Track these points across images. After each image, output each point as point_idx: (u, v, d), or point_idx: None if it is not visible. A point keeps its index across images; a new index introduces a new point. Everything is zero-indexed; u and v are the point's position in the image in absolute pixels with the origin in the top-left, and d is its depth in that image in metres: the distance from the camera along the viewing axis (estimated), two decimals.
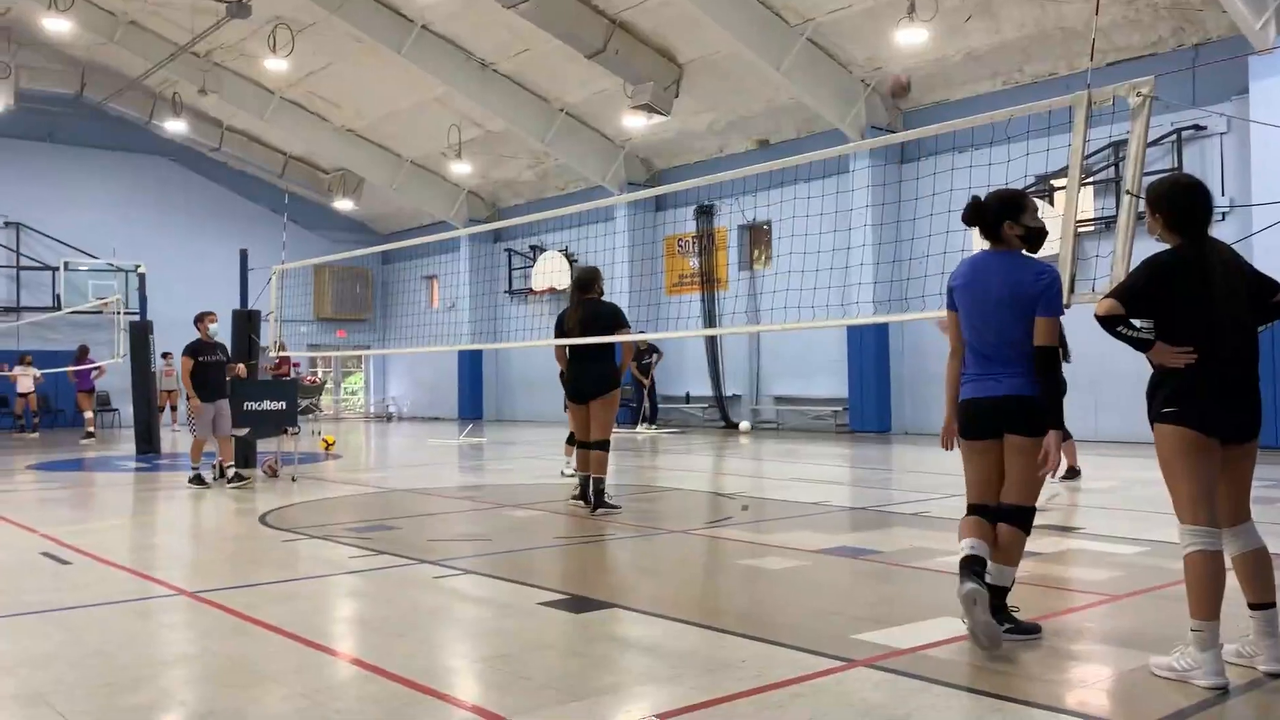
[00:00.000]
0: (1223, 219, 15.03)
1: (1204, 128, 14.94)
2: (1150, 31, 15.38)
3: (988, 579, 4.12)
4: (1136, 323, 3.82)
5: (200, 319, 11.35)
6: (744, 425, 20.94)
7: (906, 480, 11.53)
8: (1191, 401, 3.75)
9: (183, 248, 27.12)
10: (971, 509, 4.37)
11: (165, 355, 22.31)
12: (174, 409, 23.53)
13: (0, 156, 25.32)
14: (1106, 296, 3.87)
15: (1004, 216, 4.34)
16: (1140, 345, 3.83)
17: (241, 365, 11.78)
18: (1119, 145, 15.08)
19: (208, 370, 11.08)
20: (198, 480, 10.85)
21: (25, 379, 21.48)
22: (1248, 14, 13.50)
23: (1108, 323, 3.79)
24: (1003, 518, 4.27)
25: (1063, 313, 4.28)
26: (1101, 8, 14.63)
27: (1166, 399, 3.79)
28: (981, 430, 4.32)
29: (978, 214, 4.40)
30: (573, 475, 9.74)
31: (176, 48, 21.85)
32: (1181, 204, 3.94)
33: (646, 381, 20.86)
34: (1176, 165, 15.30)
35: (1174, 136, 15.21)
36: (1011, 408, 4.23)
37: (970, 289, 4.36)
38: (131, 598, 5.44)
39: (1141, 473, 10.95)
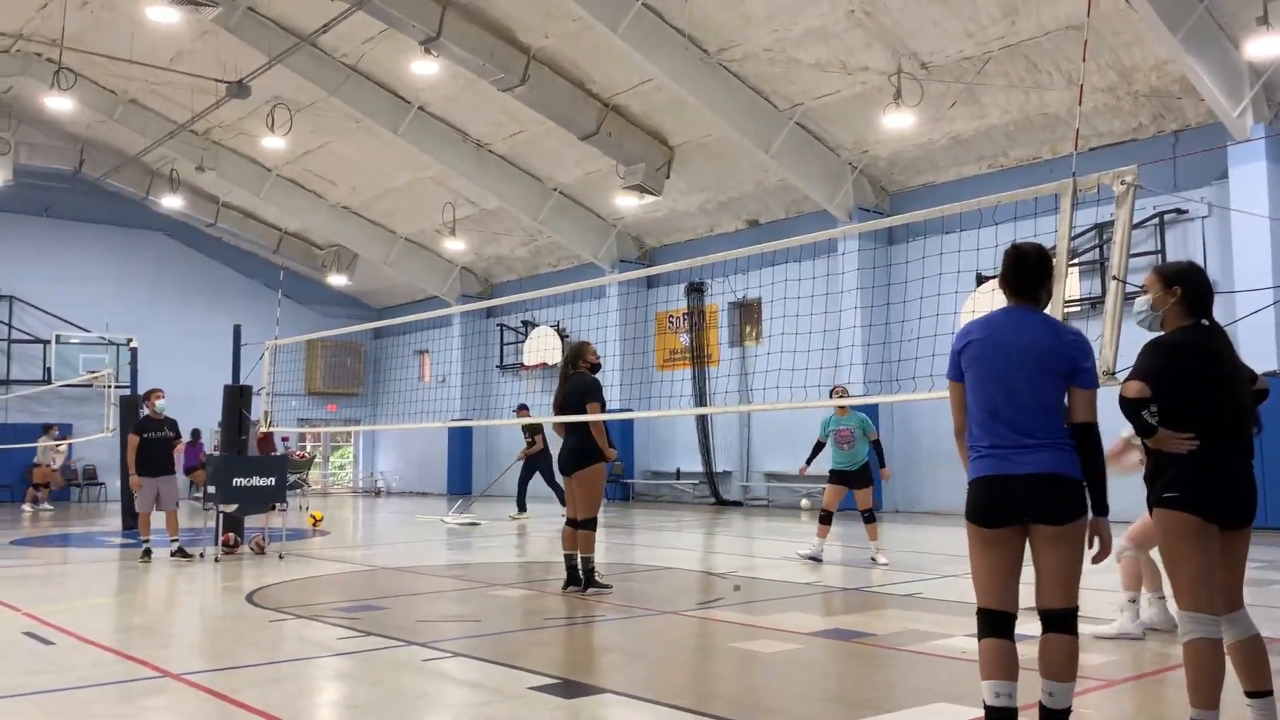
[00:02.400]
0: None
1: (1185, 211, 15.22)
2: (1131, 118, 15.76)
3: (1044, 700, 3.58)
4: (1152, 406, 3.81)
5: (147, 396, 11.60)
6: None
7: (898, 560, 11.46)
8: (1194, 486, 3.75)
9: (176, 322, 27.18)
10: (989, 622, 3.64)
11: (47, 428, 22.20)
12: (44, 487, 21.59)
13: None
14: (1130, 379, 3.85)
15: (1047, 272, 3.86)
16: (1149, 431, 3.80)
17: (180, 443, 11.88)
18: (1103, 228, 15.35)
19: (153, 446, 11.24)
20: (146, 555, 10.93)
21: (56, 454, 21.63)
22: (1225, 103, 13.87)
23: (1134, 405, 3.75)
24: (1051, 626, 3.61)
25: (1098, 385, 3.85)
26: (1083, 95, 15.02)
27: (1168, 484, 3.79)
28: (1002, 516, 3.62)
29: (1020, 264, 3.84)
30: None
31: (176, 126, 22.18)
32: (1205, 285, 4.03)
33: (519, 458, 18.33)
34: (1159, 248, 15.57)
35: (1156, 220, 15.48)
36: (1041, 488, 3.58)
37: (995, 345, 3.75)
38: (115, 680, 5.35)
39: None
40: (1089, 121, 15.88)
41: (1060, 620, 3.60)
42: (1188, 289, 3.98)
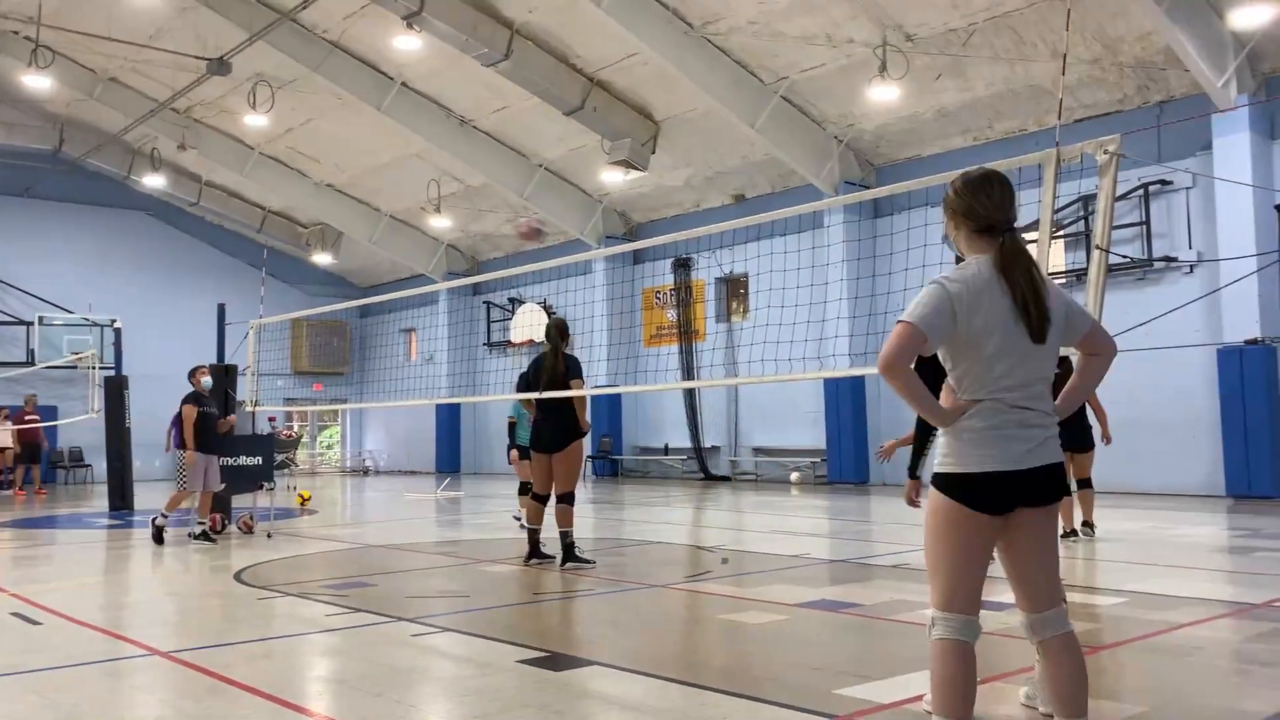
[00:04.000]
0: (1190, 271, 15.32)
1: (1170, 182, 15.26)
2: (1115, 89, 15.76)
3: None
4: None
5: (194, 373, 11.18)
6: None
7: (885, 532, 11.54)
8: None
9: (160, 302, 27.02)
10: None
11: None
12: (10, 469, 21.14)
13: None
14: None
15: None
16: None
17: (232, 418, 11.62)
18: (1087, 199, 15.38)
19: (206, 422, 10.89)
20: (158, 537, 10.60)
21: (2, 434, 21.10)
22: (1209, 73, 13.88)
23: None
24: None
25: None
26: (1068, 66, 15.01)
27: None
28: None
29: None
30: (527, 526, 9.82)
31: (156, 104, 21.97)
32: None
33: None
34: (1144, 219, 15.62)
35: (1141, 191, 15.52)
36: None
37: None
38: (103, 658, 5.35)
39: (1124, 524, 11.02)
40: (1074, 93, 15.87)
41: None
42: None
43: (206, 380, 11.15)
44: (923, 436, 4.77)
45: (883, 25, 15.72)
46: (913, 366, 3.09)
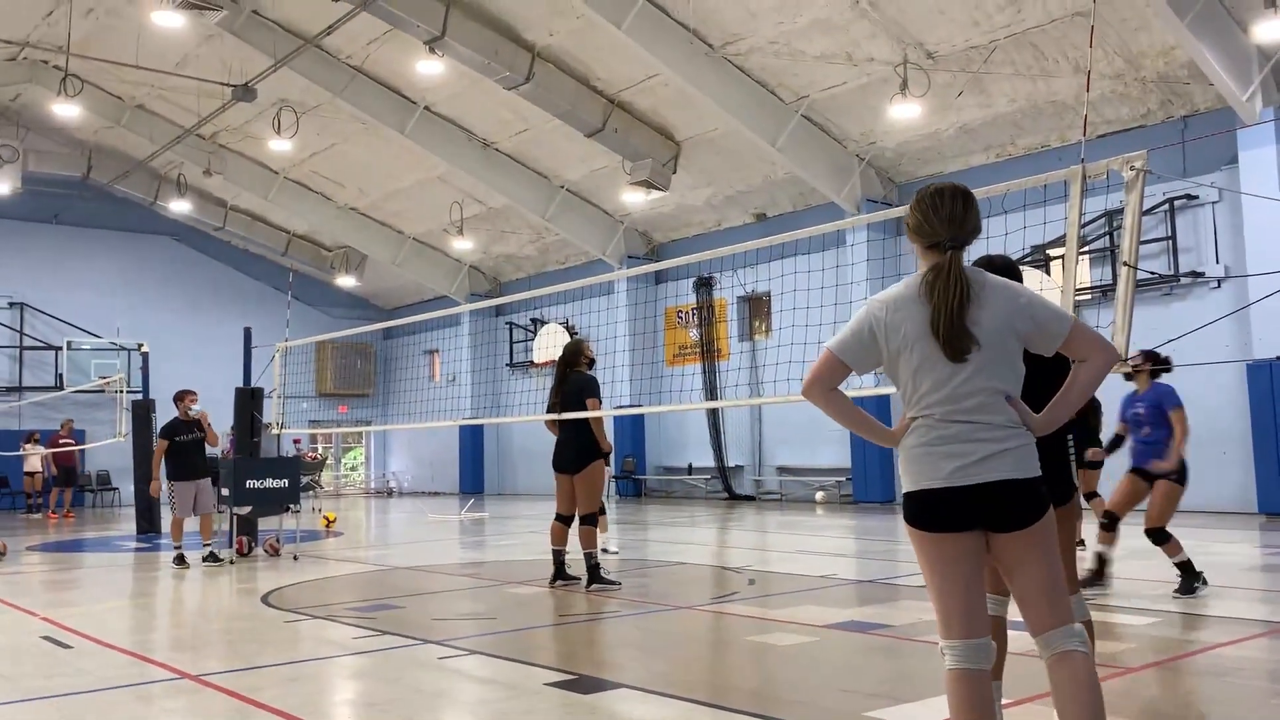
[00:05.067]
0: (1218, 286, 15.18)
1: (1196, 197, 15.14)
2: (1139, 104, 15.68)
3: None
4: None
5: (180, 398, 11.33)
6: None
7: (911, 552, 11.43)
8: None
9: (186, 326, 27.27)
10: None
11: (30, 435, 21.68)
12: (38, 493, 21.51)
13: (6, 238, 25.65)
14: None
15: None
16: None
17: (212, 433, 11.61)
18: (1113, 215, 15.28)
19: (186, 450, 11.07)
20: (180, 560, 10.78)
21: (34, 458, 21.39)
22: (1234, 87, 13.79)
23: None
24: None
25: None
26: (1091, 82, 14.95)
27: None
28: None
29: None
30: (615, 552, 9.78)
31: (182, 130, 22.25)
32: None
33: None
34: (1170, 234, 15.49)
35: (1166, 206, 15.41)
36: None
37: None
38: (133, 682, 5.37)
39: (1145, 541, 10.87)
40: (1097, 109, 15.80)
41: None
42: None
43: (195, 407, 11.25)
44: None
45: (903, 43, 15.72)
46: (1025, 372, 3.04)
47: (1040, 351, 3.09)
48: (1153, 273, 15.42)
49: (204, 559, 10.85)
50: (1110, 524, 7.69)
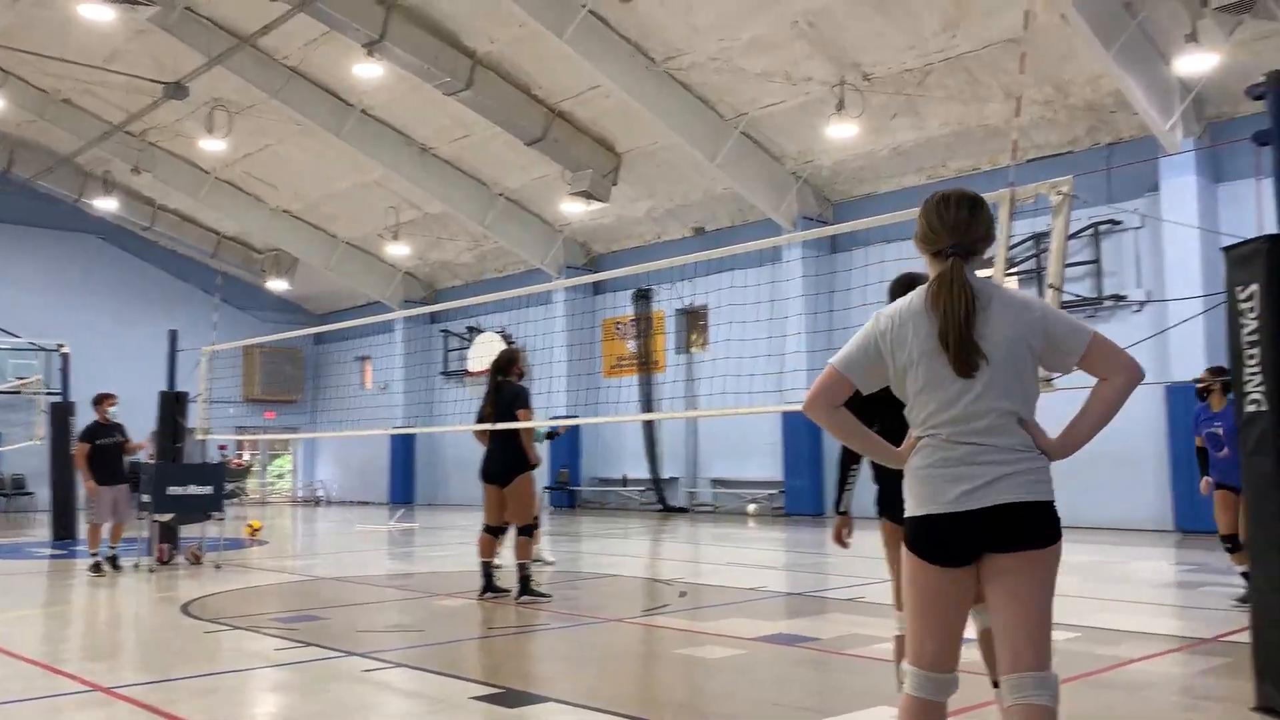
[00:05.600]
0: (1139, 310, 15.62)
1: (1120, 222, 15.59)
2: (1067, 130, 16.11)
3: None
4: None
5: (99, 401, 11.12)
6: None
7: (841, 564, 11.55)
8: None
9: (110, 327, 26.50)
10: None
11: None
12: None
13: None
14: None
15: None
16: None
17: (141, 442, 11.48)
18: (1040, 237, 15.66)
19: (107, 453, 10.87)
20: (96, 569, 10.52)
21: None
22: (1156, 117, 14.24)
23: None
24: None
25: None
26: (1021, 108, 15.34)
27: None
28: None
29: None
30: (552, 563, 9.72)
31: (110, 127, 21.69)
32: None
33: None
34: (1095, 257, 15.93)
35: (1091, 230, 15.84)
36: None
37: None
38: (41, 695, 5.18)
39: (1075, 557, 11.12)
40: (1026, 134, 16.19)
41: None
42: None
43: (113, 409, 11.06)
44: (844, 470, 4.40)
45: (840, 64, 15.96)
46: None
47: (1055, 370, 2.90)
48: (1078, 295, 15.82)
49: (107, 559, 10.59)
50: (1235, 545, 7.54)
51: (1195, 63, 13.38)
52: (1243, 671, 4.83)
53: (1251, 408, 4.21)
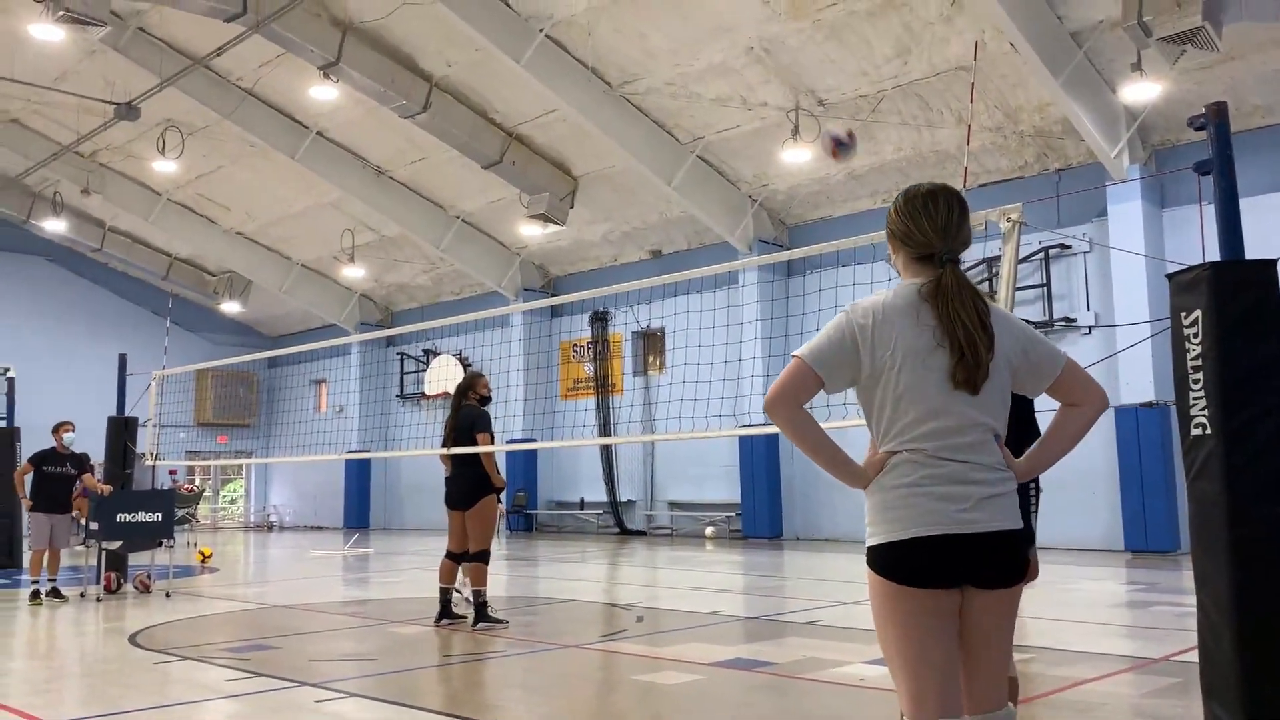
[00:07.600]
0: (1089, 333, 15.91)
1: (1069, 246, 15.89)
2: (1017, 156, 16.42)
3: None
4: None
5: (56, 429, 11.07)
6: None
7: (798, 588, 11.59)
8: None
9: (57, 351, 26.03)
10: None
11: None
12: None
13: None
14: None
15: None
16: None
17: (106, 485, 11.35)
18: (991, 261, 15.90)
19: (54, 482, 10.81)
20: (35, 597, 10.38)
21: None
22: (1104, 144, 14.57)
23: None
24: None
25: None
26: (972, 134, 15.61)
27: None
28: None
29: None
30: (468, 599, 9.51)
31: (60, 147, 21.36)
32: None
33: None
34: (1045, 281, 16.21)
35: (1041, 254, 16.13)
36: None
37: None
38: None
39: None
40: (978, 159, 16.48)
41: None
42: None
43: (69, 437, 10.99)
44: None
45: (795, 90, 16.16)
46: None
47: (1025, 392, 2.73)
48: (1027, 319, 16.06)
49: (45, 594, 10.42)
50: None
51: (1140, 91, 13.71)
52: (1192, 691, 4.91)
53: (1197, 431, 4.29)
